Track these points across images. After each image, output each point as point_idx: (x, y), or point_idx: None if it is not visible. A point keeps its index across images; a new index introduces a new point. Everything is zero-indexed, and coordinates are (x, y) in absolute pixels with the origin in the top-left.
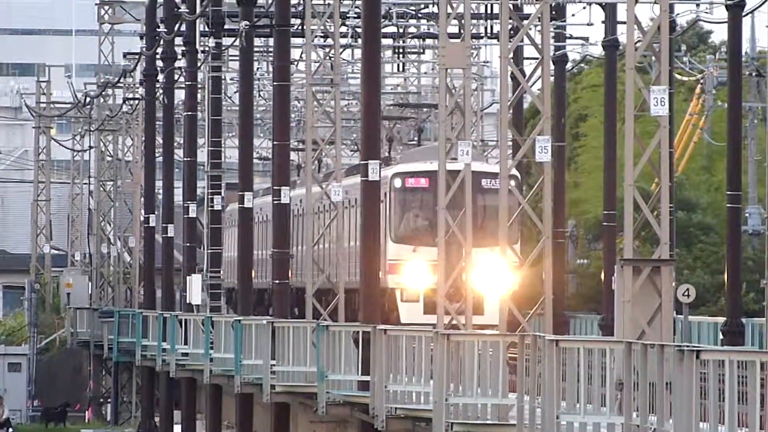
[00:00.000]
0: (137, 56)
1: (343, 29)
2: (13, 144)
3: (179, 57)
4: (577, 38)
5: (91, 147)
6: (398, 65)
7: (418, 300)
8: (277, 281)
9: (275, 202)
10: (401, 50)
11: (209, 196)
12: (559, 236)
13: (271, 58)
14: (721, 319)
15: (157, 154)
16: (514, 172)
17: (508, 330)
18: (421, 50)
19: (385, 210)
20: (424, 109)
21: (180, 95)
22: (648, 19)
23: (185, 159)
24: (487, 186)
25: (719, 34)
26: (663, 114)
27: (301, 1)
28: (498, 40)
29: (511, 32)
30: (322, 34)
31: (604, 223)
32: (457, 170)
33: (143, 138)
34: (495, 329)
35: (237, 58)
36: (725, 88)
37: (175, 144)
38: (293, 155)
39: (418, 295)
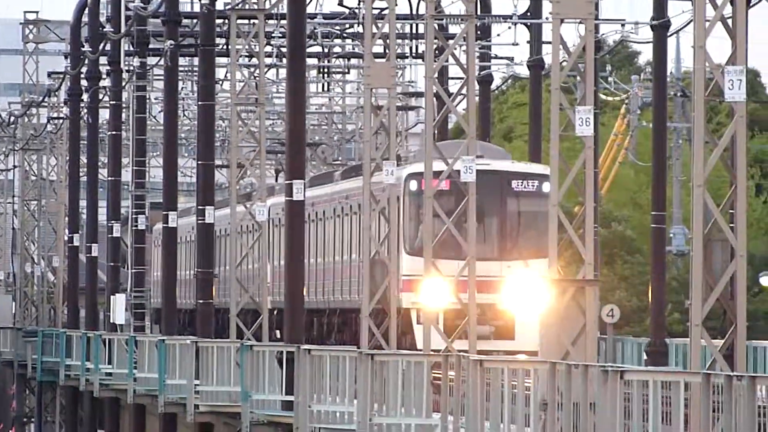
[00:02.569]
0: (62, 75)
1: (268, 49)
2: None
3: (104, 76)
4: (502, 58)
5: (15, 166)
6: (323, 85)
7: (437, 322)
8: (201, 301)
9: (199, 221)
10: (326, 70)
11: (133, 216)
12: None
13: (195, 78)
14: (645, 340)
15: (81, 174)
16: (546, 171)
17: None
18: (346, 70)
19: (398, 217)
20: (349, 129)
21: (104, 114)
22: (573, 39)
23: (109, 178)
24: (518, 188)
25: (647, 55)
26: (588, 134)
27: (226, 21)
28: (423, 60)
29: (437, 52)
30: (246, 54)
31: None
32: (490, 170)
33: (67, 157)
34: (529, 356)
35: (162, 77)
36: (650, 108)
37: (100, 163)
38: (218, 175)
39: (437, 316)
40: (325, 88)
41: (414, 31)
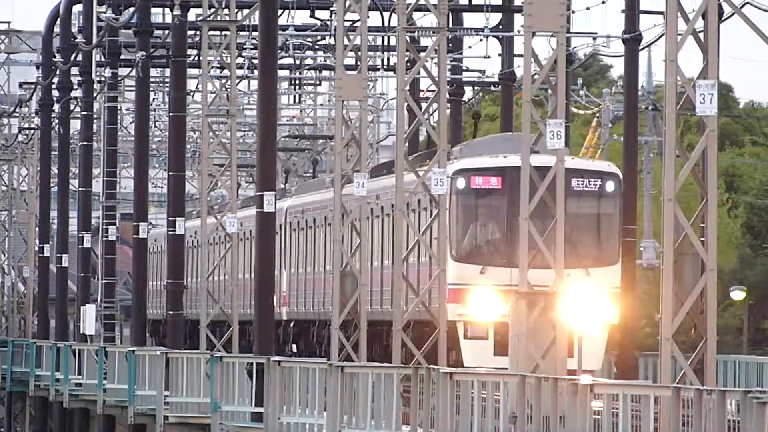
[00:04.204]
0: (33, 86)
1: (240, 60)
2: None
3: (75, 87)
4: (473, 71)
5: None
6: (294, 97)
7: (487, 337)
8: (171, 312)
9: (170, 232)
10: (298, 82)
11: (104, 227)
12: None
13: (167, 89)
14: (616, 353)
15: (52, 184)
16: (615, 170)
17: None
18: (318, 82)
19: (444, 219)
20: (320, 141)
21: (76, 125)
22: (545, 53)
23: (80, 189)
24: (579, 188)
25: (620, 69)
26: (559, 147)
27: (198, 32)
28: (395, 72)
29: (408, 64)
30: (218, 65)
31: None
32: (545, 167)
33: (38, 168)
34: (590, 375)
35: (133, 88)
36: (622, 121)
37: (71, 174)
38: (189, 186)
39: (487, 330)
40: (297, 100)
41: (386, 43)
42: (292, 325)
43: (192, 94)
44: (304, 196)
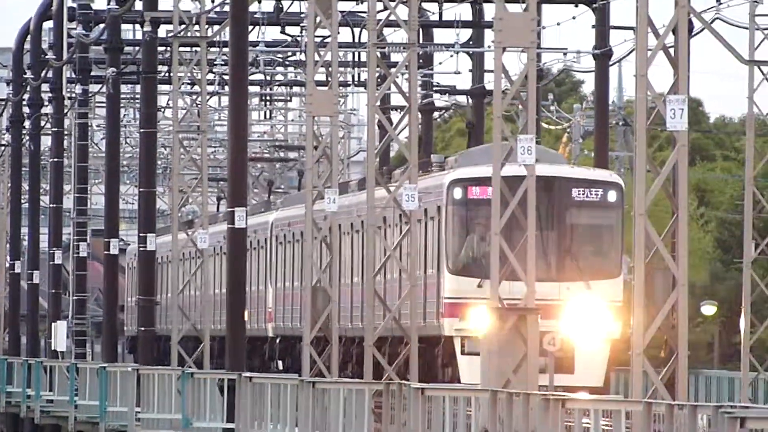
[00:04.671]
0: (3, 102)
1: (210, 76)
2: None
3: (46, 103)
4: (444, 86)
5: None
6: (265, 113)
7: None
8: (142, 328)
9: (141, 249)
10: (268, 98)
11: (75, 243)
12: None
13: (137, 105)
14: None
15: (23, 201)
16: (617, 179)
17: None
18: (289, 98)
19: (439, 230)
20: (297, 153)
21: (46, 142)
22: (516, 68)
23: (51, 205)
24: (579, 198)
25: (591, 84)
26: (530, 163)
27: (168, 48)
28: (365, 88)
29: (379, 80)
30: (189, 81)
31: None
32: (542, 176)
33: (9, 184)
34: (590, 393)
35: (104, 104)
36: (592, 137)
37: (42, 190)
38: (160, 202)
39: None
40: (268, 116)
41: (356, 59)
42: (278, 341)
43: (163, 110)
44: (291, 209)
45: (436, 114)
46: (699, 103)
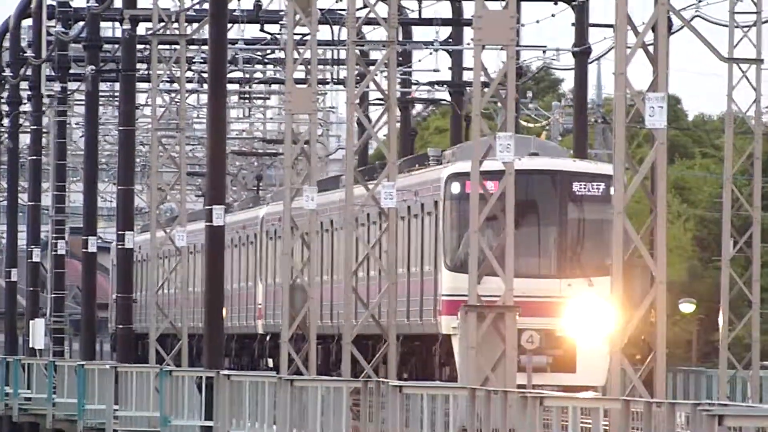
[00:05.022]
0: None
1: (189, 74)
2: None
3: (24, 101)
4: (423, 84)
5: None
6: (244, 110)
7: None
8: (120, 326)
9: (119, 246)
10: (247, 95)
11: (53, 241)
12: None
13: (116, 103)
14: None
15: (1, 198)
16: (610, 172)
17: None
18: (267, 96)
19: (436, 226)
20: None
21: (25, 139)
22: (495, 66)
23: (29, 203)
24: (581, 192)
25: (570, 82)
26: (509, 160)
27: (147, 46)
28: (344, 86)
29: (358, 78)
30: (168, 79)
31: None
32: (546, 170)
33: None
34: (593, 392)
35: (82, 102)
36: (571, 134)
37: (20, 188)
38: (138, 200)
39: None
40: (247, 114)
41: (335, 57)
42: (268, 338)
43: (141, 108)
44: (281, 204)
45: (418, 108)
46: (678, 101)
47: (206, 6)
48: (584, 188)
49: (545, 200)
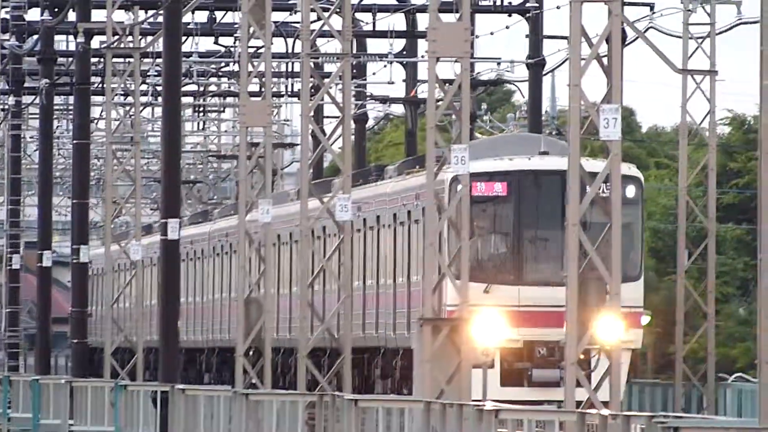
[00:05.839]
0: None
1: (144, 87)
2: None
3: None
4: (377, 96)
5: None
6: (199, 123)
7: (493, 365)
8: (75, 341)
9: (74, 260)
10: (202, 108)
11: (8, 255)
12: None
13: (71, 116)
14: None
15: None
16: (636, 173)
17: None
18: (222, 108)
19: (442, 230)
20: (224, 167)
21: None
22: (450, 78)
23: None
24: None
25: (525, 94)
26: (464, 173)
27: (102, 60)
28: (299, 99)
29: (312, 90)
30: (122, 93)
31: None
32: (554, 170)
33: None
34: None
35: (37, 116)
36: None
37: None
38: (93, 213)
39: (493, 357)
40: (201, 127)
41: (290, 69)
42: (251, 353)
43: (96, 121)
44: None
45: (369, 124)
46: (632, 112)
47: (160, 19)
48: (599, 189)
49: (555, 202)
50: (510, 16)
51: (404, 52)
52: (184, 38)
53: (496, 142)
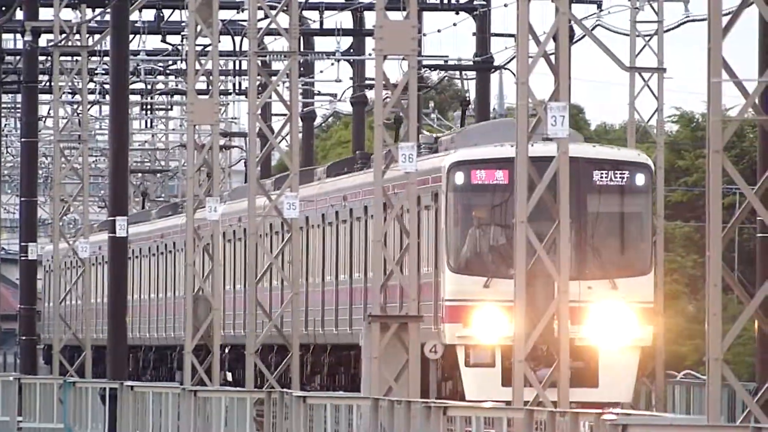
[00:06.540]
0: None
1: (91, 85)
2: None
3: None
4: (325, 95)
5: None
6: (146, 121)
7: (494, 363)
8: (23, 337)
9: (22, 258)
10: (149, 106)
11: None
12: None
13: (19, 114)
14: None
15: None
16: (645, 159)
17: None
18: (170, 106)
19: (437, 221)
20: (171, 165)
21: None
22: (397, 76)
23: None
24: (602, 182)
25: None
26: (411, 170)
27: (49, 58)
28: (246, 97)
29: (260, 88)
30: (70, 91)
31: None
32: (547, 157)
33: None
34: (618, 409)
35: None
36: None
37: None
38: (41, 211)
39: (494, 355)
40: (149, 125)
41: (237, 67)
42: (227, 350)
43: (44, 119)
44: (240, 203)
45: (317, 122)
46: (580, 110)
47: (108, 18)
48: (606, 177)
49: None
50: (457, 14)
51: (351, 50)
52: (131, 36)
53: (487, 128)
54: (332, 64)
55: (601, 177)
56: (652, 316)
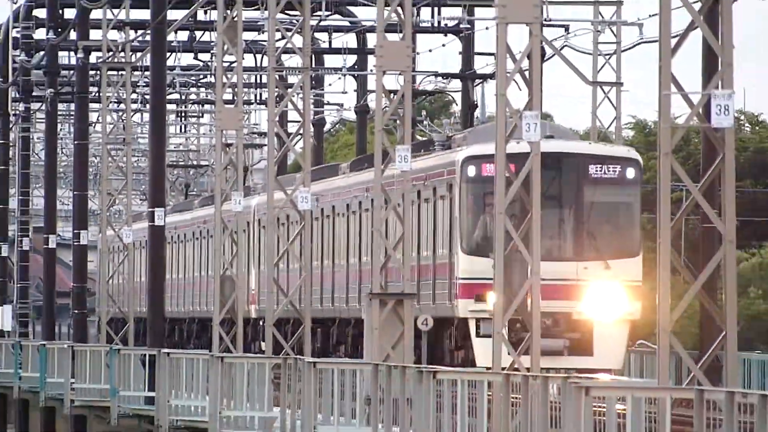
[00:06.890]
0: None
1: (134, 96)
2: None
3: None
4: (333, 104)
5: None
6: (181, 127)
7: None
8: (76, 311)
9: (75, 243)
10: (183, 114)
11: (19, 238)
12: None
13: (72, 120)
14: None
15: None
16: (635, 155)
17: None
18: (200, 114)
19: (451, 209)
20: (203, 164)
21: None
22: (395, 88)
23: None
24: (596, 174)
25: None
26: (406, 169)
27: (98, 72)
28: (266, 106)
29: (278, 99)
30: (116, 100)
31: None
32: (557, 153)
33: None
34: (611, 374)
35: (43, 120)
36: None
37: None
38: (91, 203)
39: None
40: (183, 129)
41: (258, 81)
42: (261, 323)
43: (93, 125)
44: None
45: (326, 127)
46: (551, 118)
47: (148, 38)
48: (600, 171)
49: (561, 183)
50: (446, 35)
51: (355, 66)
52: (168, 54)
53: (495, 128)
54: (339, 78)
55: (596, 170)
56: (640, 293)
